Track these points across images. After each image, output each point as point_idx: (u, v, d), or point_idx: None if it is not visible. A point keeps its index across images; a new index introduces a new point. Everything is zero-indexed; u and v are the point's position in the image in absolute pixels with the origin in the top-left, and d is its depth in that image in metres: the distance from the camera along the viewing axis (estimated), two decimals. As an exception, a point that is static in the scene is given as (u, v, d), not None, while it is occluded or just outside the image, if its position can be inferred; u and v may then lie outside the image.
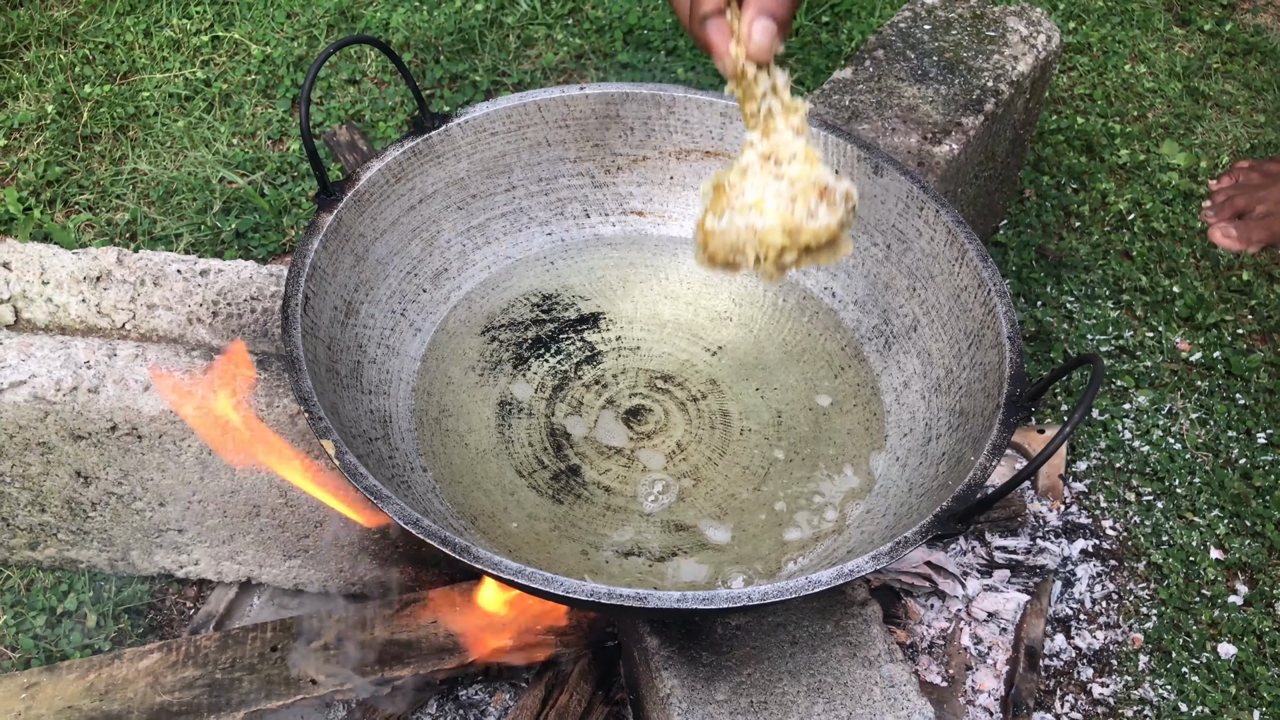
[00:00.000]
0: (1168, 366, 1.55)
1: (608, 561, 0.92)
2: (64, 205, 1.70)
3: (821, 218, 0.80)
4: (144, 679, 1.10)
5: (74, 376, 1.05)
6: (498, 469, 0.98)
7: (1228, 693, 1.24)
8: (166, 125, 1.80)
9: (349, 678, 1.10)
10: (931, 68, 1.42)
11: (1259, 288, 1.65)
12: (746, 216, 0.81)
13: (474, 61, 1.93)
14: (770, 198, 0.80)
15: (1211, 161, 1.85)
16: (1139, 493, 1.42)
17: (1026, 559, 1.31)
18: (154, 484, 1.12)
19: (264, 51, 1.92)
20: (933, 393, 1.00)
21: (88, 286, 1.13)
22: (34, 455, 1.09)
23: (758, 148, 0.81)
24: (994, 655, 1.24)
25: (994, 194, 1.59)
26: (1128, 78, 2.01)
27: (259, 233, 1.64)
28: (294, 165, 1.75)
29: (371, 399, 0.98)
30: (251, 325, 1.12)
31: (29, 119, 1.79)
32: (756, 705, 0.91)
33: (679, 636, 0.96)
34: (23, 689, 1.09)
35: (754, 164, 0.81)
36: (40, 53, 1.91)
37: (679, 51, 1.96)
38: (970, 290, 0.97)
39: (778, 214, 0.80)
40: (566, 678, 1.14)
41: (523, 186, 1.14)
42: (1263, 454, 1.45)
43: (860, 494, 0.97)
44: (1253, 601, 1.31)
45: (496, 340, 1.08)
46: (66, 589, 1.23)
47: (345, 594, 1.26)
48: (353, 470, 0.79)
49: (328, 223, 0.97)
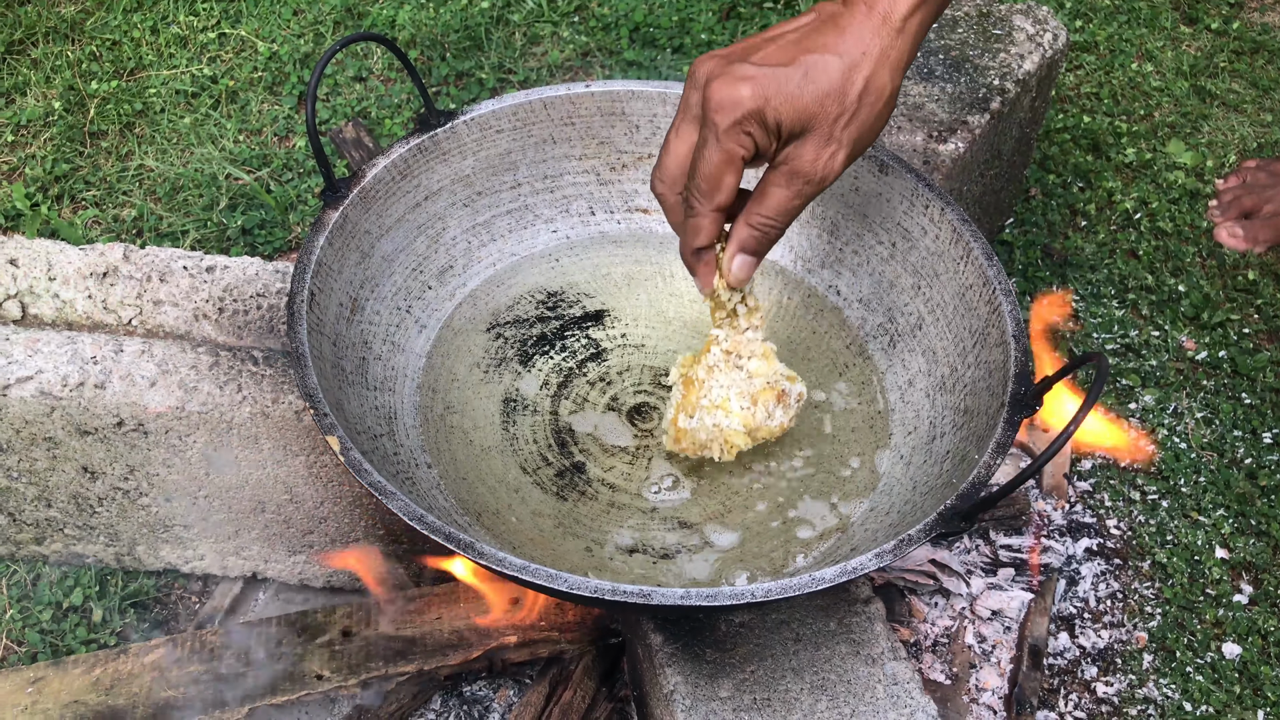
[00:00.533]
0: (1173, 365, 1.55)
1: (611, 558, 0.92)
2: (71, 201, 1.70)
3: (777, 418, 0.93)
4: (150, 674, 1.11)
5: (80, 372, 1.05)
6: (502, 465, 0.98)
7: (1232, 692, 1.23)
8: (173, 122, 1.81)
9: (353, 673, 1.11)
10: (937, 66, 1.42)
11: (1265, 287, 1.65)
12: (714, 416, 0.91)
13: (480, 59, 1.93)
14: (734, 398, 0.91)
15: (1218, 161, 1.85)
16: (1144, 491, 1.42)
17: (1031, 557, 1.31)
18: (160, 479, 1.12)
19: (270, 48, 1.93)
20: (937, 391, 1.00)
21: (94, 282, 1.13)
22: (40, 450, 1.10)
23: (722, 344, 0.91)
24: (998, 654, 1.24)
25: (1000, 192, 1.59)
26: (1134, 76, 2.01)
27: (265, 229, 1.65)
28: (300, 162, 1.76)
29: (377, 395, 0.98)
30: (257, 322, 1.12)
31: (36, 115, 1.80)
32: (760, 702, 0.91)
33: (683, 633, 0.96)
34: (29, 683, 1.10)
35: (719, 361, 0.91)
36: (48, 49, 1.91)
37: (685, 49, 1.96)
38: (975, 289, 0.97)
39: (740, 416, 0.91)
40: (570, 674, 1.14)
41: (528, 184, 1.14)
42: (1268, 453, 1.44)
43: (864, 492, 0.97)
44: (1258, 601, 1.31)
45: (501, 337, 1.08)
46: (73, 584, 1.24)
47: (350, 589, 1.26)
48: (357, 466, 0.79)
49: (333, 219, 0.97)
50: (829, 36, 0.75)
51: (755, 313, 0.90)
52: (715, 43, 1.96)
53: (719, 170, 0.77)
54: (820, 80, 0.74)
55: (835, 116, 0.75)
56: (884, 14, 0.75)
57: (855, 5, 0.76)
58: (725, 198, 0.78)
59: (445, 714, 1.16)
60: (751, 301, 0.90)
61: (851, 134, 0.76)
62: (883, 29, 0.75)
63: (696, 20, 2.01)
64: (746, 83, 0.74)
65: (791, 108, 0.74)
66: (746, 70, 0.75)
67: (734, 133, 0.75)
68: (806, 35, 0.76)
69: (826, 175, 0.77)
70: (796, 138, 0.76)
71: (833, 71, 0.74)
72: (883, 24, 0.75)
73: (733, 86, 0.74)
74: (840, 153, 0.77)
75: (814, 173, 0.77)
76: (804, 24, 0.78)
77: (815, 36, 0.76)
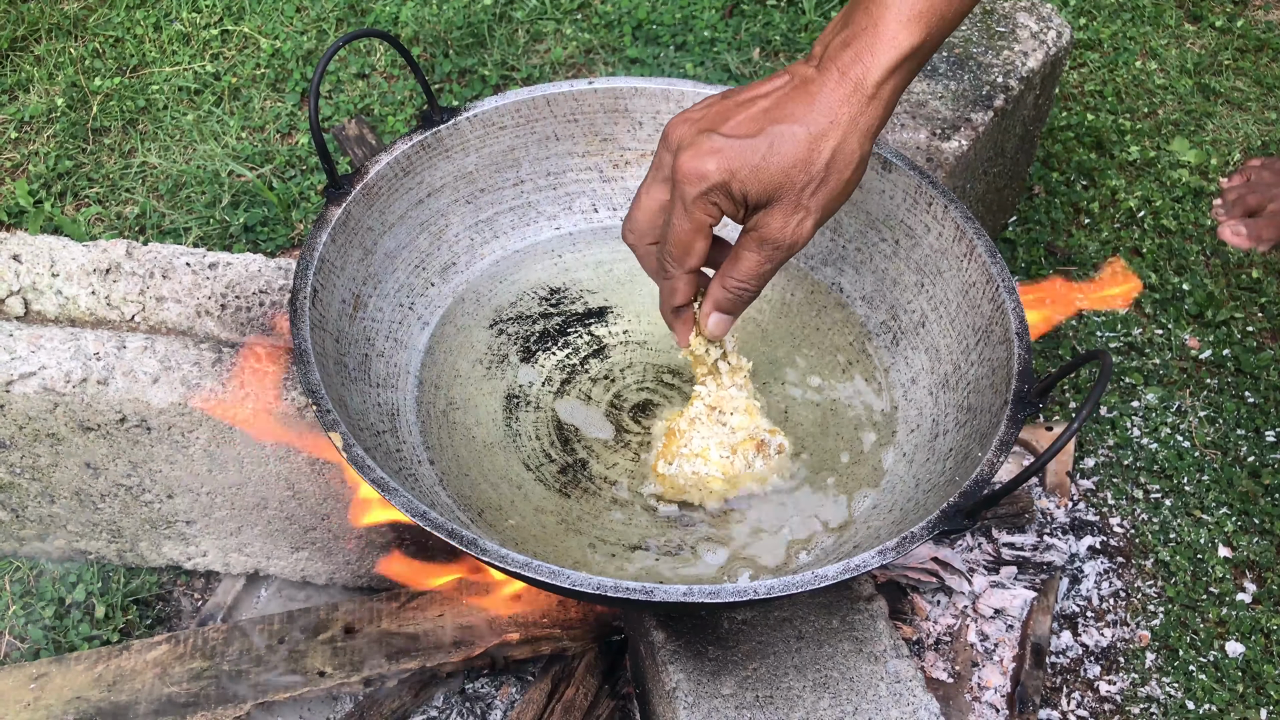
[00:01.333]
0: (1177, 364, 1.55)
1: (614, 555, 0.92)
2: (74, 198, 1.70)
3: (756, 467, 0.94)
4: (152, 670, 1.11)
5: (83, 368, 1.05)
6: (505, 462, 0.98)
7: (1235, 691, 1.23)
8: (176, 119, 1.81)
9: (355, 670, 1.11)
10: (941, 63, 1.42)
11: (1269, 285, 1.65)
12: (693, 464, 0.93)
13: (483, 56, 1.93)
14: (714, 448, 0.93)
15: (1222, 159, 1.84)
16: (1147, 490, 1.41)
17: (1034, 556, 1.31)
18: (162, 476, 1.12)
19: (273, 45, 1.93)
20: (940, 388, 1.00)
21: (97, 279, 1.13)
22: (43, 446, 1.10)
23: (705, 400, 0.93)
24: (1000, 652, 1.24)
25: (1003, 190, 1.59)
26: (1138, 74, 2.01)
27: (267, 226, 1.65)
28: (303, 159, 1.76)
29: (379, 392, 0.98)
30: (260, 318, 1.12)
31: (39, 112, 1.80)
32: (762, 700, 0.91)
33: (685, 630, 0.96)
34: (32, 679, 1.10)
35: (701, 414, 0.93)
36: (50, 46, 1.91)
37: (688, 47, 1.96)
38: (979, 286, 0.97)
39: (719, 464, 0.93)
40: (573, 671, 1.14)
41: (531, 180, 1.14)
42: (1272, 452, 1.44)
43: (867, 489, 0.97)
44: (1261, 600, 1.31)
45: (504, 334, 1.08)
46: (75, 580, 1.24)
47: (352, 586, 1.26)
48: (360, 463, 0.79)
49: (336, 216, 0.97)
50: (798, 105, 0.76)
51: (739, 371, 0.93)
52: (718, 40, 1.96)
53: (689, 238, 0.80)
54: (785, 151, 0.75)
55: (802, 186, 0.77)
56: (856, 81, 0.76)
57: (828, 71, 0.77)
58: (696, 261, 0.81)
59: (447, 711, 1.16)
60: (734, 360, 0.92)
61: (819, 201, 0.78)
62: (853, 97, 0.76)
63: (699, 17, 2.01)
64: (713, 156, 0.76)
65: (757, 179, 0.76)
66: (715, 143, 0.76)
67: (701, 203, 0.77)
68: (777, 104, 0.77)
69: (795, 242, 0.79)
70: (764, 206, 0.78)
71: (799, 142, 0.75)
72: (854, 92, 0.76)
73: (700, 160, 0.76)
74: (808, 220, 0.78)
75: (783, 240, 0.78)
76: (777, 87, 0.78)
77: (785, 105, 0.77)
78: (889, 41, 0.76)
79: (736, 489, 0.95)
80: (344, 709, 1.16)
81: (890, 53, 0.76)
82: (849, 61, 0.76)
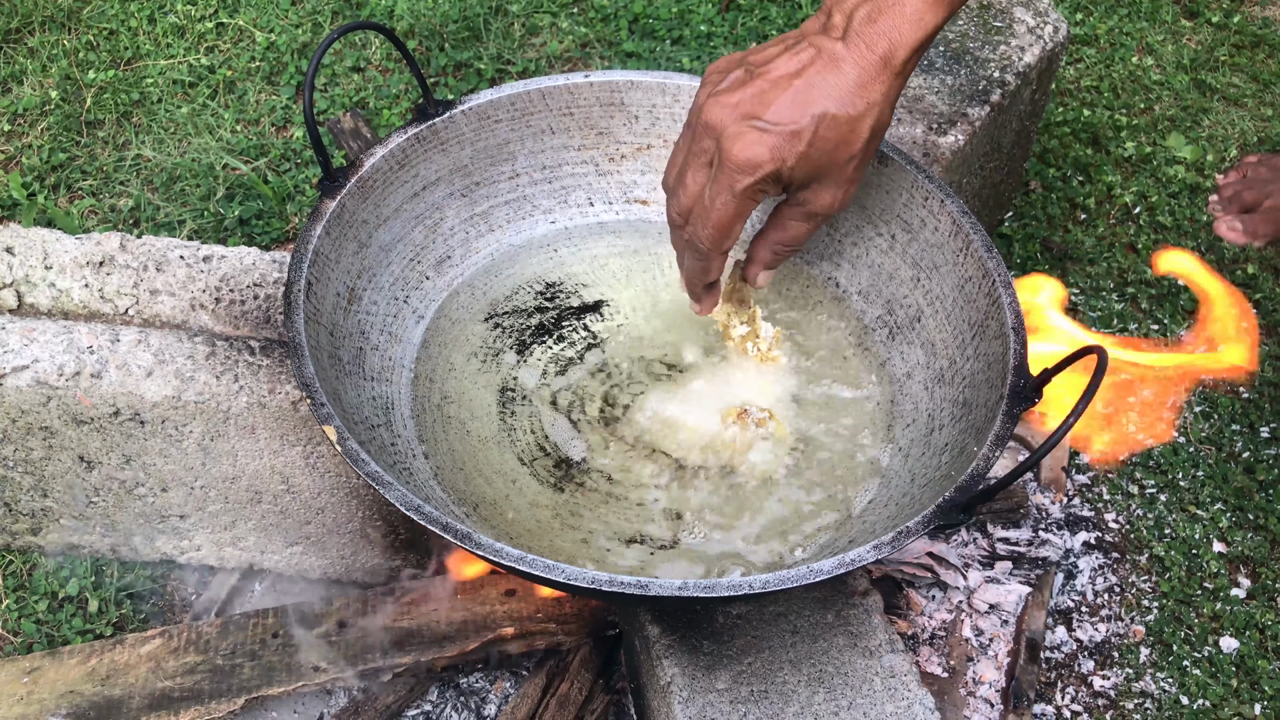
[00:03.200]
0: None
1: (609, 549, 0.92)
2: (67, 191, 1.70)
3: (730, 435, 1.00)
4: (145, 664, 1.10)
5: (77, 361, 1.05)
6: (499, 456, 0.98)
7: (1229, 686, 1.23)
8: (170, 111, 1.80)
9: (350, 665, 1.11)
10: (937, 58, 1.42)
11: (1264, 282, 1.65)
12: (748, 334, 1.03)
13: (478, 49, 1.93)
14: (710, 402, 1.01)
15: (1219, 155, 1.85)
16: (1142, 485, 1.42)
17: (1028, 551, 1.31)
18: (156, 469, 1.12)
19: (268, 38, 1.92)
20: (936, 383, 1.00)
21: (91, 272, 1.13)
22: (37, 440, 1.09)
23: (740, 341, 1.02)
24: (995, 647, 1.24)
25: (999, 185, 1.59)
26: (1135, 70, 2.01)
27: (262, 219, 1.64)
28: (297, 152, 1.75)
29: (374, 386, 0.98)
30: (254, 312, 1.12)
31: (33, 104, 1.79)
32: (757, 694, 0.91)
33: (680, 625, 0.96)
34: (25, 673, 1.09)
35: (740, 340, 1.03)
36: (44, 38, 1.90)
37: (684, 41, 1.95)
38: (975, 281, 0.97)
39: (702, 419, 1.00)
40: (567, 666, 1.14)
41: (526, 174, 1.13)
42: (1266, 448, 1.44)
43: (862, 484, 0.97)
44: (1255, 595, 1.31)
45: (499, 327, 1.08)
46: (69, 574, 1.24)
47: (347, 581, 1.26)
48: (354, 457, 0.79)
49: (331, 209, 0.97)
50: (834, 87, 0.79)
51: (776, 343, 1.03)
52: (714, 34, 1.96)
53: (732, 221, 0.83)
54: (830, 136, 0.79)
55: (845, 163, 0.82)
56: (885, 59, 0.78)
57: (855, 47, 0.79)
58: (733, 242, 0.86)
59: (442, 705, 1.16)
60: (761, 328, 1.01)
61: (860, 171, 0.84)
62: (884, 73, 0.79)
63: (696, 12, 2.00)
64: (763, 146, 0.79)
65: (805, 165, 0.80)
66: (762, 132, 0.79)
67: (750, 191, 0.81)
68: (812, 85, 0.79)
69: (839, 209, 0.86)
70: (809, 185, 0.83)
71: (841, 125, 0.79)
72: (883, 68, 0.78)
73: (750, 150, 0.79)
74: (851, 189, 0.85)
75: (830, 210, 0.85)
76: (805, 64, 0.80)
77: (821, 86, 0.79)
78: (916, 21, 0.78)
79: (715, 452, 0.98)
80: (338, 703, 1.16)
81: (917, 32, 0.78)
82: (876, 38, 0.78)
